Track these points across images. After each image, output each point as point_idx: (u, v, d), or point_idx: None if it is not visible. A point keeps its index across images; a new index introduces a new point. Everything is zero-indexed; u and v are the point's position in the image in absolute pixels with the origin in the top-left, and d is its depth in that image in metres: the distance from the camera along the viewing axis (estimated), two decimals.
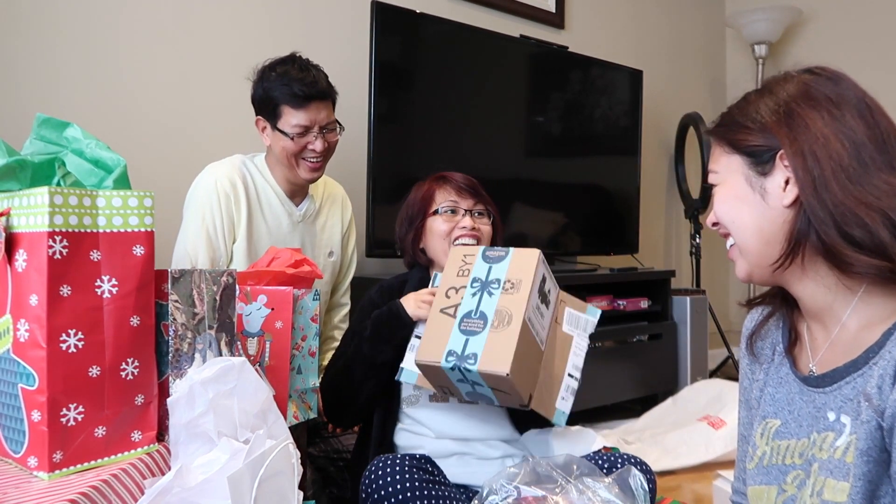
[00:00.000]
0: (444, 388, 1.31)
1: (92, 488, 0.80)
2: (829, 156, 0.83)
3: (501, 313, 1.23)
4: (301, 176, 1.76)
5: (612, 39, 3.45)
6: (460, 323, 1.25)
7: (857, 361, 0.84)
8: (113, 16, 2.05)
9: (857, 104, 0.86)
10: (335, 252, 1.95)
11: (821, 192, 0.83)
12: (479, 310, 1.25)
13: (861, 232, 0.80)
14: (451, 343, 1.22)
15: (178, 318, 0.93)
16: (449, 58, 2.58)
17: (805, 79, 0.90)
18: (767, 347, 1.00)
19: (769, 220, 0.88)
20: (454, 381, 1.25)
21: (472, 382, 1.22)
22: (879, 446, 0.79)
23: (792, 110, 0.87)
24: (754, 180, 0.89)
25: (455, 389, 1.29)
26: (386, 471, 1.27)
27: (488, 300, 1.26)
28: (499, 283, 1.27)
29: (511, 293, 1.25)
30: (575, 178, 3.03)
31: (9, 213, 0.87)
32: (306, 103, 1.69)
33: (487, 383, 1.21)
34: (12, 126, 1.73)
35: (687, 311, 3.04)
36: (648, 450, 2.28)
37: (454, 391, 1.30)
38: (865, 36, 3.52)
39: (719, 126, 0.95)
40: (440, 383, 1.29)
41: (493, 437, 1.48)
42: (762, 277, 0.92)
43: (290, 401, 1.27)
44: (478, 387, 1.23)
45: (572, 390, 1.35)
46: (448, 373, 1.22)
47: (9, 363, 0.86)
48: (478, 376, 1.20)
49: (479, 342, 1.21)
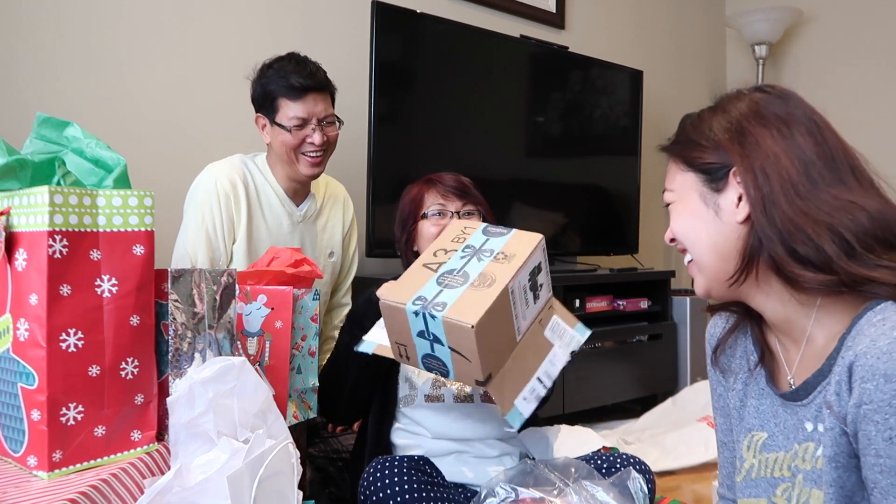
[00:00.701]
0: (401, 348, 1.19)
1: (91, 488, 0.80)
2: (779, 173, 0.84)
3: (485, 276, 1.13)
4: (301, 171, 1.76)
5: (613, 39, 3.45)
6: (439, 277, 1.15)
7: (823, 370, 0.85)
8: (113, 16, 2.05)
9: (807, 122, 0.87)
10: (336, 252, 1.95)
11: (769, 209, 0.84)
12: (462, 269, 1.16)
13: (806, 248, 0.81)
14: (424, 290, 1.12)
15: (178, 318, 0.93)
16: (449, 58, 2.58)
17: (756, 97, 0.91)
18: (738, 357, 1.01)
19: (724, 236, 0.89)
20: (414, 333, 1.13)
21: (433, 338, 1.12)
22: (847, 452, 0.80)
23: (743, 128, 0.88)
24: (708, 197, 0.90)
25: (412, 350, 1.17)
26: (384, 472, 1.27)
27: (476, 264, 1.16)
28: (491, 252, 1.19)
29: (501, 263, 1.17)
30: (575, 179, 3.03)
31: (9, 213, 0.87)
32: (303, 94, 1.69)
33: (448, 341, 1.10)
34: (12, 126, 1.73)
35: (687, 312, 3.05)
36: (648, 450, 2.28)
37: (410, 353, 1.18)
38: (865, 36, 3.52)
39: (675, 144, 0.97)
40: (398, 339, 1.17)
41: (490, 437, 1.48)
42: (720, 293, 0.93)
43: (290, 401, 1.27)
44: (437, 346, 1.12)
45: (537, 396, 1.20)
46: (410, 320, 1.11)
47: (8, 362, 0.86)
48: (441, 328, 1.09)
49: (452, 295, 1.10)
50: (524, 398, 1.19)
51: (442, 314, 1.07)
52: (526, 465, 1.28)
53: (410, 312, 1.10)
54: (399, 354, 1.20)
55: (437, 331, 1.10)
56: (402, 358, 1.20)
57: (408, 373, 1.48)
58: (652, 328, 2.99)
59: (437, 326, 1.09)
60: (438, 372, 1.17)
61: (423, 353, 1.16)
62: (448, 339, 1.10)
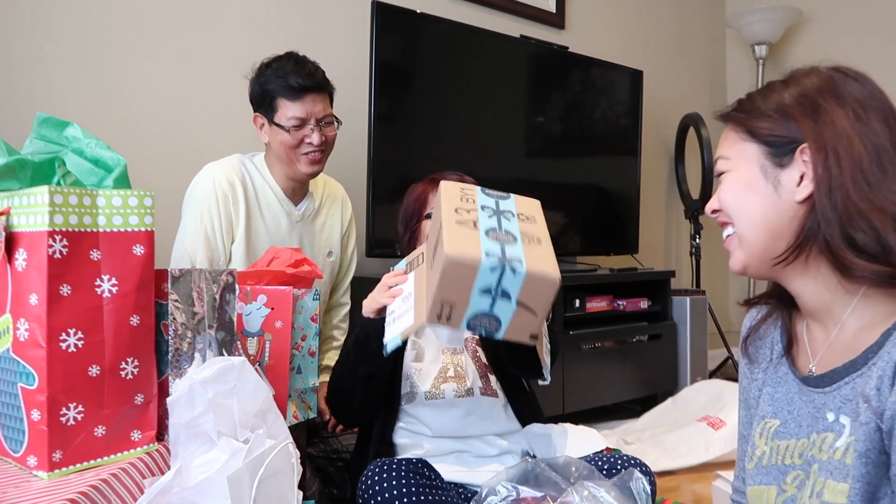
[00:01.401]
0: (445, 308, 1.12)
1: (91, 488, 0.80)
2: (851, 156, 0.82)
3: (527, 235, 1.10)
4: (301, 171, 1.75)
5: (613, 40, 3.45)
6: (486, 232, 1.10)
7: (856, 362, 0.84)
8: (113, 16, 2.05)
9: (882, 109, 0.85)
10: (334, 252, 1.95)
11: (834, 192, 0.82)
12: (502, 228, 1.11)
13: (865, 237, 0.80)
14: (486, 245, 1.07)
15: (178, 318, 0.93)
16: (449, 58, 2.58)
17: (832, 75, 0.89)
18: (765, 347, 1.00)
19: (778, 213, 0.86)
20: (477, 289, 1.08)
21: (500, 294, 1.08)
22: (878, 448, 0.79)
23: (818, 104, 0.85)
24: (769, 171, 0.87)
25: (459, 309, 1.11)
26: (382, 476, 1.27)
27: (508, 223, 1.12)
28: (513, 214, 1.16)
29: (529, 223, 1.14)
30: (575, 179, 3.03)
31: (9, 213, 0.87)
32: (302, 95, 1.69)
33: (520, 296, 1.07)
34: (12, 126, 1.73)
35: (687, 312, 3.05)
36: (648, 450, 2.28)
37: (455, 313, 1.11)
38: (865, 36, 3.52)
39: (737, 111, 0.92)
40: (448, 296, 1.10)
41: (490, 433, 1.48)
42: (759, 271, 0.90)
43: (290, 401, 1.27)
44: (500, 303, 1.09)
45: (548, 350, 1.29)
46: (481, 276, 1.05)
47: (8, 362, 0.86)
48: (519, 282, 1.05)
49: (517, 250, 1.07)
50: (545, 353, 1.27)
51: (525, 268, 1.05)
52: (527, 464, 1.28)
53: (487, 268, 1.05)
54: (439, 315, 1.13)
55: (512, 286, 1.06)
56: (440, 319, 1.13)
57: (409, 371, 1.48)
58: (652, 328, 2.99)
59: (516, 281, 1.06)
60: (484, 330, 1.12)
61: (475, 310, 1.11)
62: (522, 293, 1.07)
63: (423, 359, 1.50)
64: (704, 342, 3.13)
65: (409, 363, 1.48)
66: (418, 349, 1.50)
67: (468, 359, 1.50)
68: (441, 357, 1.49)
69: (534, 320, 1.10)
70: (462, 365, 1.48)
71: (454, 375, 1.47)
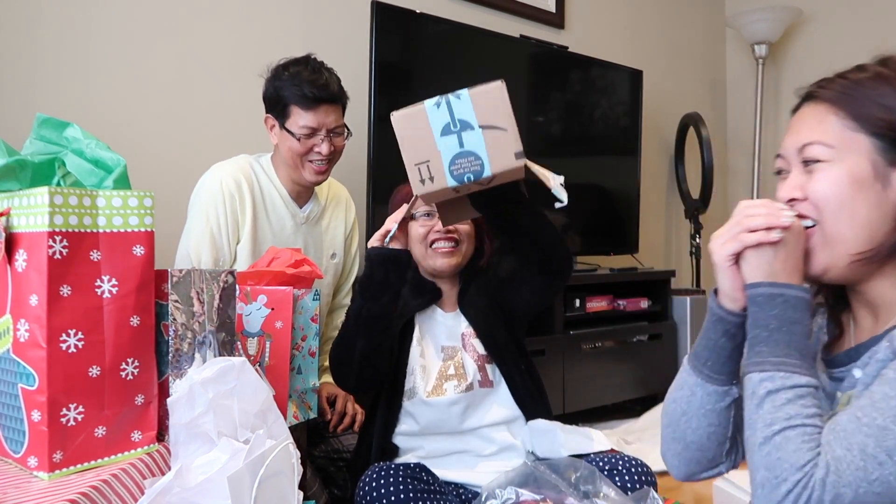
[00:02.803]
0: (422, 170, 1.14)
1: (92, 488, 0.80)
2: None
3: None
4: (306, 178, 1.75)
5: (612, 39, 3.45)
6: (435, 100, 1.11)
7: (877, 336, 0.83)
8: (113, 16, 2.05)
9: None
10: (338, 254, 1.95)
11: None
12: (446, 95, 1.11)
13: None
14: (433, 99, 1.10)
15: (178, 318, 0.93)
16: (449, 58, 2.58)
17: None
18: None
19: (882, 213, 0.81)
20: (437, 134, 1.10)
21: (461, 126, 1.09)
22: None
23: None
24: (881, 168, 0.81)
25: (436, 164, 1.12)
26: (380, 481, 1.28)
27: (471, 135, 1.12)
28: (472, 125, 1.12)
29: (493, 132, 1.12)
30: (575, 178, 3.00)
31: (9, 213, 0.87)
32: (315, 105, 1.68)
33: (478, 119, 1.08)
34: (12, 126, 1.73)
35: (687, 311, 3.05)
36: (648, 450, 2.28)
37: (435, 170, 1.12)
38: (865, 36, 3.52)
39: (844, 94, 0.84)
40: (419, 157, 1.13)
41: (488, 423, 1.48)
42: (838, 273, 0.85)
43: (290, 401, 1.27)
44: (466, 136, 1.09)
45: (560, 183, 1.28)
46: (431, 118, 1.08)
47: (9, 363, 0.86)
48: (468, 105, 1.07)
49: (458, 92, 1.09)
50: (554, 177, 1.25)
51: (466, 90, 1.06)
52: (527, 467, 1.28)
53: (431, 106, 1.08)
54: (422, 180, 1.15)
55: (465, 112, 1.08)
56: (425, 183, 1.15)
57: (414, 366, 1.48)
58: (652, 328, 2.99)
59: (465, 105, 1.07)
60: (472, 174, 1.12)
61: (451, 156, 1.12)
62: (478, 114, 1.08)
63: (426, 356, 1.50)
64: None
65: (415, 357, 1.49)
66: (422, 347, 1.51)
67: (466, 355, 1.50)
68: (441, 355, 1.49)
69: (507, 137, 1.10)
70: (461, 362, 1.48)
71: (454, 373, 1.47)
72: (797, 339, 0.79)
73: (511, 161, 1.11)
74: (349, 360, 1.44)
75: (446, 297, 1.57)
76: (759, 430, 0.76)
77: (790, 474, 0.72)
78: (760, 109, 3.66)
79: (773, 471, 0.74)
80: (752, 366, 0.80)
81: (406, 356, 1.49)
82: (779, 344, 0.79)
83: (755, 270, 0.82)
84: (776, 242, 0.80)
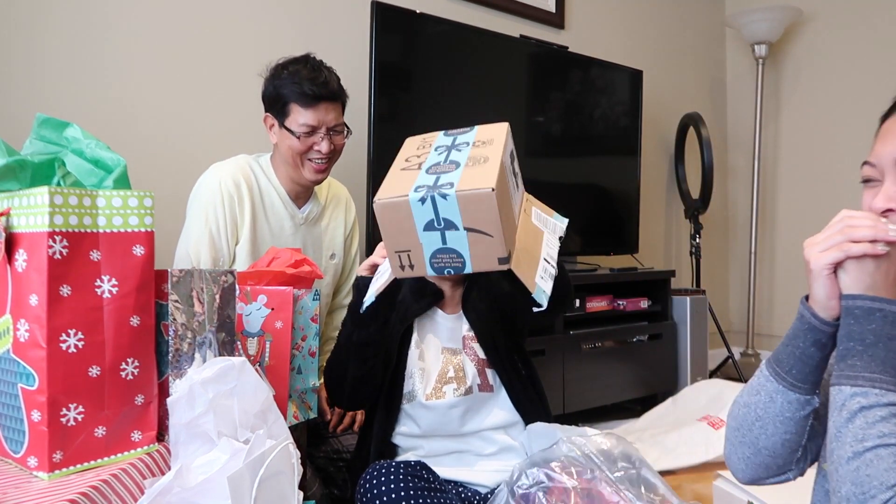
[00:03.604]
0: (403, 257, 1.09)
1: (92, 488, 0.80)
2: None
3: (475, 158, 1.05)
4: (305, 177, 1.75)
5: (612, 39, 3.45)
6: (428, 169, 1.05)
7: None
8: (113, 16, 2.05)
9: None
10: (337, 254, 1.95)
11: None
12: (448, 160, 1.07)
13: None
14: (420, 180, 1.03)
15: (178, 318, 0.93)
16: (449, 58, 2.58)
17: None
18: None
19: None
20: (420, 228, 1.04)
21: (445, 225, 1.03)
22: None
23: None
24: None
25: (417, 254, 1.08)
26: (381, 479, 1.28)
27: (458, 154, 1.08)
28: (467, 143, 1.10)
29: (483, 147, 1.08)
30: (575, 178, 3.03)
31: (9, 213, 0.87)
32: (315, 103, 1.68)
33: (464, 221, 1.02)
34: (12, 126, 1.73)
35: (687, 311, 3.05)
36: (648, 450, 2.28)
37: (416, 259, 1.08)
38: (865, 36, 3.52)
39: None
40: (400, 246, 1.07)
41: (487, 427, 1.48)
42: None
43: (290, 401, 1.27)
44: (450, 234, 1.04)
45: (550, 274, 1.17)
46: (416, 213, 1.02)
47: (9, 363, 0.86)
48: (454, 207, 1.00)
49: (453, 177, 1.02)
50: (541, 277, 1.16)
51: (454, 190, 0.99)
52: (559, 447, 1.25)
53: (415, 202, 1.01)
54: (402, 266, 1.10)
55: (451, 213, 1.01)
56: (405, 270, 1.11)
57: (413, 370, 1.48)
58: (652, 328, 2.99)
59: (451, 206, 1.01)
60: (452, 269, 1.08)
61: (432, 250, 1.07)
62: (464, 217, 1.02)
63: (425, 359, 1.50)
64: (704, 342, 3.13)
65: (413, 360, 1.49)
66: (421, 350, 1.50)
67: (466, 358, 1.50)
68: (441, 358, 1.49)
69: (493, 242, 1.04)
70: (461, 365, 1.48)
71: (454, 376, 1.47)
72: (893, 355, 0.78)
73: (494, 265, 1.07)
74: (341, 382, 1.46)
75: (448, 298, 1.56)
76: (849, 444, 0.76)
77: (879, 492, 0.72)
78: (760, 109, 3.66)
79: (861, 486, 0.73)
80: (844, 379, 0.79)
81: (404, 359, 1.48)
82: (874, 359, 0.78)
83: (855, 282, 0.81)
84: (880, 256, 0.79)
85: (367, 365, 1.42)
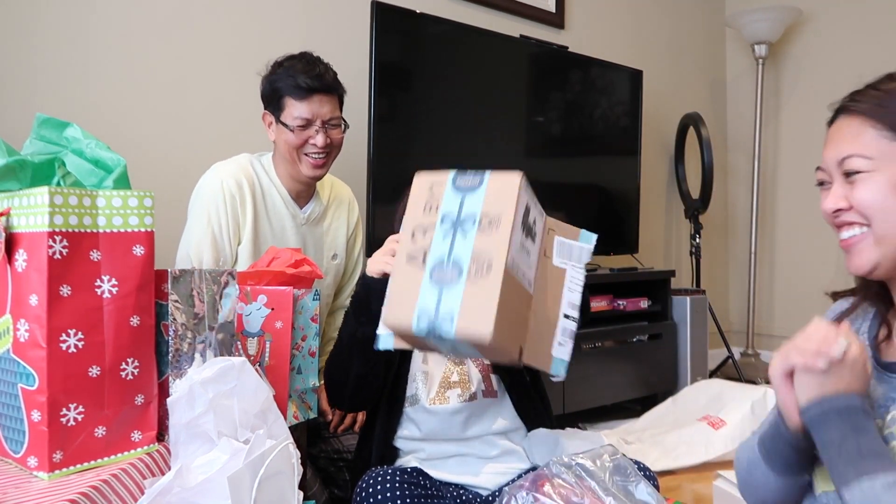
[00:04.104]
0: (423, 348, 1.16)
1: (92, 488, 0.80)
2: None
3: (479, 259, 1.03)
4: (303, 172, 1.75)
5: (612, 39, 3.45)
6: (431, 273, 1.04)
7: None
8: (113, 16, 2.05)
9: None
10: (339, 255, 1.94)
11: None
12: (452, 255, 1.05)
13: None
14: (423, 299, 1.02)
15: (178, 318, 0.93)
16: (449, 58, 2.58)
17: None
18: None
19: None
20: (430, 345, 1.08)
21: (453, 345, 1.05)
22: None
23: None
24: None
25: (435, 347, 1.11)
26: (377, 487, 1.27)
27: (462, 242, 1.05)
28: (474, 219, 1.06)
29: (489, 232, 1.05)
30: (575, 178, 3.03)
31: (9, 213, 0.87)
32: (309, 95, 1.68)
33: (468, 348, 1.05)
34: (12, 126, 1.73)
35: (687, 311, 3.05)
36: (648, 450, 2.28)
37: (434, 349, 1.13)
38: (865, 36, 3.52)
39: (879, 106, 0.89)
40: (417, 344, 1.12)
41: (490, 433, 1.48)
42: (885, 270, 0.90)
43: (290, 401, 1.27)
44: (460, 347, 1.06)
45: (570, 333, 1.16)
46: (422, 336, 1.04)
47: (9, 363, 0.86)
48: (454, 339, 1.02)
49: (455, 296, 1.01)
50: (559, 343, 1.15)
51: (454, 328, 0.99)
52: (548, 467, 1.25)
53: (420, 333, 1.02)
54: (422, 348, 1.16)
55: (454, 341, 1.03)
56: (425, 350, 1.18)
57: (416, 373, 1.47)
58: (652, 328, 2.99)
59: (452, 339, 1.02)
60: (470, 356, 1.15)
61: (446, 349, 1.11)
62: (468, 346, 1.04)
63: (429, 362, 1.49)
64: (704, 342, 3.13)
65: (417, 364, 1.48)
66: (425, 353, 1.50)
67: (471, 363, 1.50)
68: (445, 361, 1.49)
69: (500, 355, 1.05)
70: (466, 370, 1.48)
71: (458, 381, 1.46)
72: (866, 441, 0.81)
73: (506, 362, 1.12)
74: (344, 381, 1.44)
75: None
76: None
77: None
78: (760, 109, 3.66)
79: None
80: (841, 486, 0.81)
81: (407, 362, 1.48)
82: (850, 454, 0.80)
83: (803, 389, 0.84)
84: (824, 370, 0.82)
85: (371, 361, 1.40)
